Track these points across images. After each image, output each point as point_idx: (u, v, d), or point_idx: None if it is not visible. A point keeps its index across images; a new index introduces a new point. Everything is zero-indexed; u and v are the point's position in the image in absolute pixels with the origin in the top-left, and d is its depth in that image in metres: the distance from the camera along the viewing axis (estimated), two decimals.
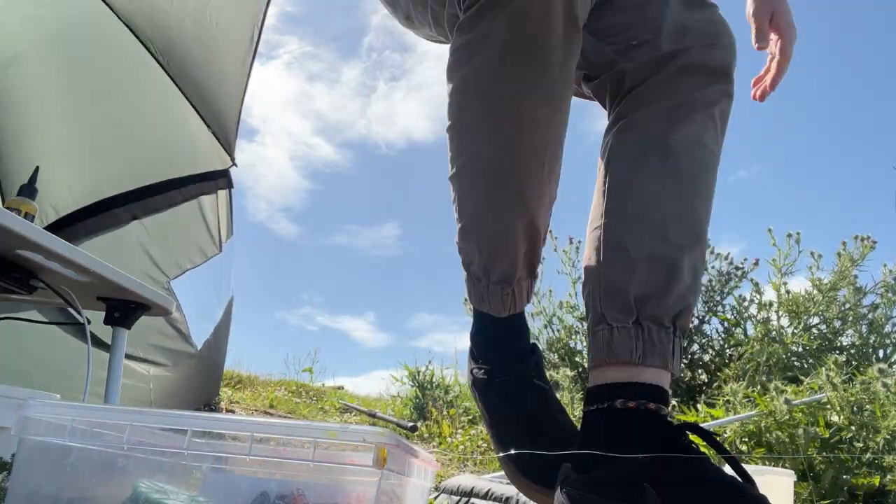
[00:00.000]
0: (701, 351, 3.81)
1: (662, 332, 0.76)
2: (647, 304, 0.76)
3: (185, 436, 0.63)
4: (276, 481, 0.66)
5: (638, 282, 0.76)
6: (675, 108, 0.84)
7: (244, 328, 7.75)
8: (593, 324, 0.79)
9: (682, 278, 0.77)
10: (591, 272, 0.82)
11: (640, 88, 0.86)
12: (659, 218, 0.80)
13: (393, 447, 0.62)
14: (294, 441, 0.64)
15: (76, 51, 2.43)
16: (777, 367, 3.05)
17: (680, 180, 0.81)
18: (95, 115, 2.48)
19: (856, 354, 3.21)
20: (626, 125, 0.86)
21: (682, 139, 0.82)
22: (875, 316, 3.30)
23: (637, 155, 0.83)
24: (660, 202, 0.81)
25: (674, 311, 0.76)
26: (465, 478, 1.62)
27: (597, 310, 0.79)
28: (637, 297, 0.76)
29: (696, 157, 0.83)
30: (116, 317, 1.45)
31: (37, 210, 1.43)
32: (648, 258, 0.77)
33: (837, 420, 2.08)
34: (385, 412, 3.54)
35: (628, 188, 0.82)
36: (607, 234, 0.81)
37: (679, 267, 0.77)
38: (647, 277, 0.76)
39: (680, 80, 0.84)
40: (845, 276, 3.28)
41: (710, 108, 0.85)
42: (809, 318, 3.34)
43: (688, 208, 0.82)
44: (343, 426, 0.63)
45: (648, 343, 0.74)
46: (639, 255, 0.77)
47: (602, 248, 0.80)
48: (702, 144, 0.83)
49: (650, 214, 0.80)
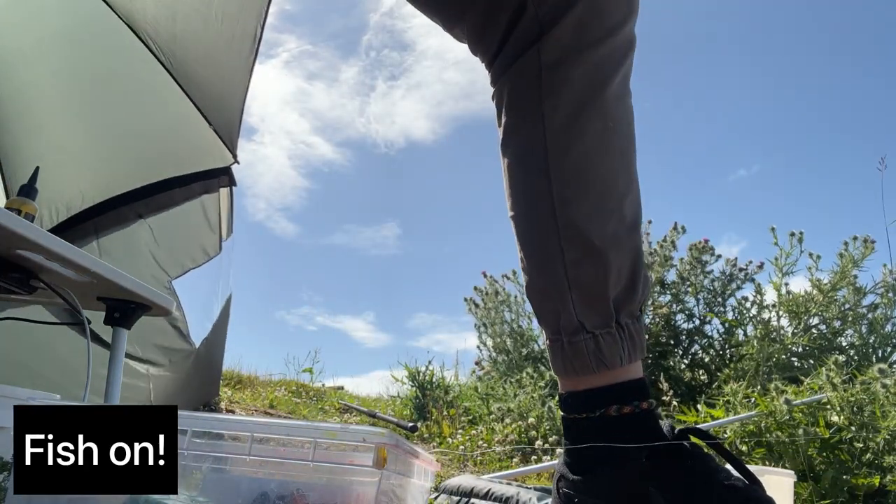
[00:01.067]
0: (701, 351, 3.81)
1: (637, 324, 0.73)
2: (624, 301, 0.73)
3: (184, 436, 0.63)
4: (276, 481, 0.65)
5: (615, 282, 0.72)
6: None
7: (244, 328, 7.75)
8: (569, 334, 0.72)
9: (643, 261, 0.74)
10: (552, 272, 0.73)
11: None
12: (616, 196, 0.72)
13: (393, 447, 0.62)
14: (294, 441, 0.64)
15: (78, 50, 2.43)
16: (777, 367, 3.05)
17: (621, 144, 0.74)
18: (99, 114, 2.48)
19: (856, 355, 3.22)
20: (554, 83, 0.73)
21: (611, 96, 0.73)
22: (875, 316, 3.30)
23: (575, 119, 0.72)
24: (610, 176, 0.73)
25: (643, 298, 0.74)
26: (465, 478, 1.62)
27: (571, 319, 0.72)
28: (616, 298, 0.72)
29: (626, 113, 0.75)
30: (116, 317, 1.44)
31: (37, 210, 1.43)
32: (616, 250, 0.71)
33: (837, 420, 2.08)
34: (385, 412, 3.54)
35: (579, 164, 0.72)
36: (566, 225, 0.71)
37: (640, 250, 0.74)
38: (619, 273, 0.72)
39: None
40: (845, 276, 3.28)
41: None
42: (809, 319, 3.34)
43: (634, 174, 0.75)
44: (343, 426, 0.63)
45: (630, 341, 0.72)
46: (608, 250, 0.71)
47: (563, 243, 0.71)
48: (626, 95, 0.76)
49: (609, 193, 0.72)
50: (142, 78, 2.49)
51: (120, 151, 2.53)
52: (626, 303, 0.73)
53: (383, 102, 8.61)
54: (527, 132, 0.74)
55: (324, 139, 9.21)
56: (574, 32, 0.70)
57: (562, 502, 0.72)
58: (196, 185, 2.66)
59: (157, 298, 1.46)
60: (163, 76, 2.45)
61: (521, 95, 0.74)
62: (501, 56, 0.75)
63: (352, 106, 8.57)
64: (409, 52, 8.14)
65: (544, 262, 0.74)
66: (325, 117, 9.19)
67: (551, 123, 0.72)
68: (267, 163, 8.03)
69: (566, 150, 0.71)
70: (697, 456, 0.68)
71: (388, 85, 8.37)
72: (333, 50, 8.45)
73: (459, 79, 9.68)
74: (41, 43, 2.33)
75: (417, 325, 8.21)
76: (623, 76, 0.74)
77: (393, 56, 8.06)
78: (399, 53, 8.12)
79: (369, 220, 9.13)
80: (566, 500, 0.72)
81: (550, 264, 0.73)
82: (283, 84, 7.84)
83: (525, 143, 0.75)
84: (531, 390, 3.05)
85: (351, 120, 8.87)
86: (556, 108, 0.71)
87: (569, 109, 0.71)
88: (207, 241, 2.71)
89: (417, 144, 9.11)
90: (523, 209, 0.76)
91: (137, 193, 2.49)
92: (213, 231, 2.72)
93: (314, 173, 9.15)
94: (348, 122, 9.10)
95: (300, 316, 7.84)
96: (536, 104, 0.72)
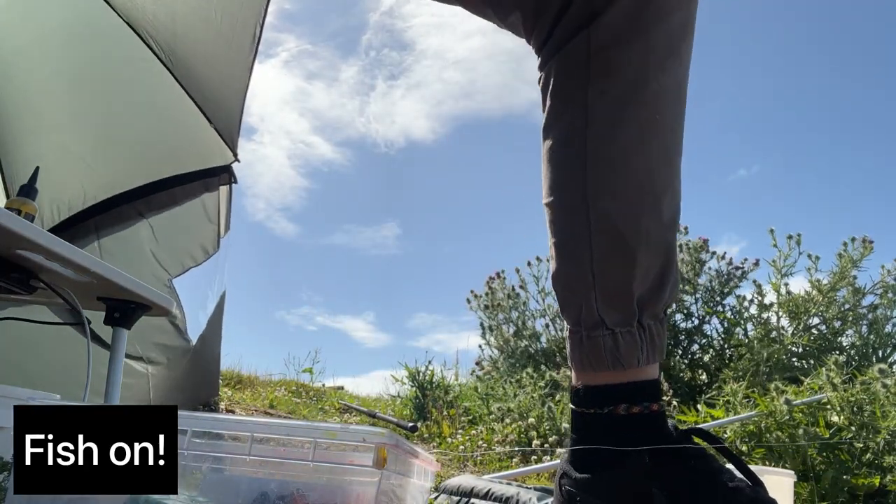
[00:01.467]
0: (701, 351, 3.81)
1: (660, 325, 0.72)
2: (649, 301, 0.71)
3: (184, 436, 0.63)
4: (276, 481, 0.65)
5: (641, 280, 0.70)
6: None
7: (244, 328, 7.74)
8: (588, 328, 0.71)
9: (675, 262, 0.72)
10: (578, 263, 0.72)
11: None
12: (654, 191, 0.70)
13: (393, 447, 0.62)
14: (294, 441, 0.64)
15: (79, 49, 2.43)
16: (777, 367, 3.05)
17: (664, 139, 0.71)
18: (99, 113, 2.48)
19: (855, 355, 3.22)
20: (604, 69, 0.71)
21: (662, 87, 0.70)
22: (874, 316, 3.30)
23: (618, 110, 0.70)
24: (650, 170, 0.70)
25: (669, 300, 0.72)
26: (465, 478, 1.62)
27: (592, 313, 0.71)
28: (640, 297, 0.70)
29: (677, 103, 0.73)
30: (116, 317, 1.44)
31: (37, 210, 1.43)
32: (647, 247, 0.69)
33: (837, 420, 2.08)
34: (385, 412, 3.54)
35: (618, 156, 0.70)
36: (598, 217, 0.70)
37: (673, 250, 0.72)
38: (647, 272, 0.70)
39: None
40: (844, 276, 3.28)
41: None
42: (809, 319, 3.34)
43: (676, 171, 0.73)
44: (343, 426, 0.63)
45: (650, 342, 0.70)
46: (638, 246, 0.69)
47: (592, 236, 0.70)
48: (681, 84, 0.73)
49: (646, 188, 0.70)
50: (142, 76, 2.49)
51: (120, 150, 2.53)
52: (652, 303, 0.71)
53: (383, 102, 8.59)
54: (569, 118, 0.72)
55: (323, 139, 9.18)
56: (626, 16, 0.68)
57: (564, 500, 0.72)
58: (197, 184, 2.66)
59: (157, 298, 1.46)
60: (163, 74, 2.45)
61: (568, 80, 0.72)
62: (551, 40, 0.73)
63: (351, 105, 8.54)
64: (409, 51, 8.12)
65: (572, 253, 0.73)
66: (324, 117, 9.16)
67: (594, 111, 0.70)
68: (266, 163, 8.00)
69: (606, 139, 0.70)
70: (701, 456, 0.68)
71: (387, 84, 8.35)
72: (333, 49, 8.43)
73: (459, 78, 9.66)
74: (41, 42, 2.33)
75: (417, 325, 8.21)
76: (678, 64, 0.71)
77: (392, 56, 8.05)
78: (399, 53, 8.11)
79: (369, 220, 9.12)
80: (568, 499, 0.71)
81: (578, 255, 0.72)
82: (282, 84, 7.83)
83: (566, 129, 0.73)
84: (531, 390, 3.06)
85: (351, 120, 8.84)
86: (602, 95, 0.70)
87: (614, 97, 0.69)
88: (207, 239, 2.71)
89: (417, 144, 9.09)
90: (557, 196, 0.74)
91: (138, 192, 2.49)
92: (212, 229, 2.72)
93: (314, 173, 9.12)
94: (348, 122, 9.08)
95: (300, 316, 7.84)
96: (583, 91, 0.70)
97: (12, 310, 1.73)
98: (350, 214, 9.29)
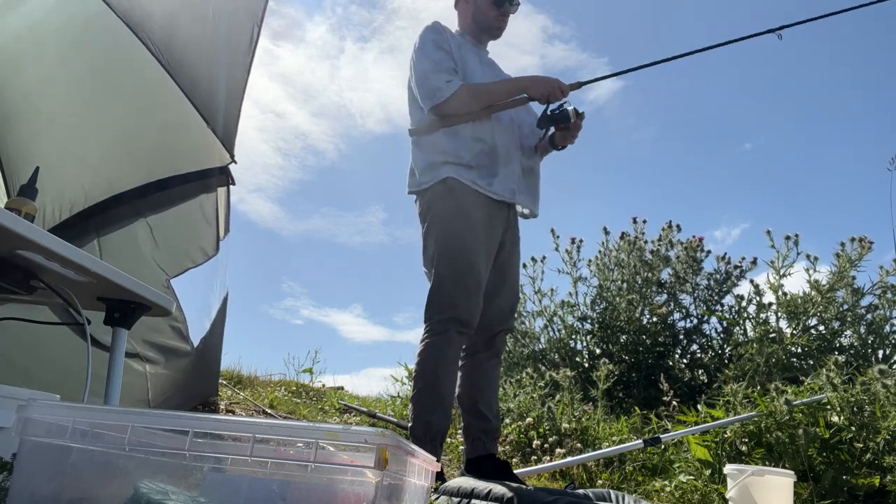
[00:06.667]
0: (701, 351, 3.81)
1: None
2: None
3: (186, 437, 0.63)
4: (277, 481, 0.66)
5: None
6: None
7: (236, 325, 7.44)
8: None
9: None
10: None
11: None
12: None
13: (394, 448, 0.62)
14: (295, 442, 0.64)
15: (78, 50, 2.43)
16: (777, 367, 3.05)
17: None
18: (98, 113, 2.48)
19: (855, 355, 3.22)
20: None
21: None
22: (874, 317, 3.30)
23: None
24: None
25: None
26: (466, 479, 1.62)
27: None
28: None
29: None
30: (116, 317, 1.44)
31: (37, 210, 1.43)
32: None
33: (837, 420, 2.08)
34: (385, 412, 3.54)
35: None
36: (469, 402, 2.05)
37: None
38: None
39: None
40: (843, 276, 3.29)
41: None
42: (808, 319, 3.35)
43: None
44: (344, 427, 0.63)
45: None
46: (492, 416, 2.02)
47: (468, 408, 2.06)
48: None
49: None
50: (140, 77, 2.48)
51: (119, 150, 2.53)
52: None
53: (354, 67, 7.93)
54: None
55: (297, 108, 8.33)
56: None
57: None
58: (194, 185, 2.65)
59: (157, 298, 1.46)
60: (161, 75, 2.45)
61: None
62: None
63: (321, 70, 7.92)
64: (380, 9, 7.47)
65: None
66: (295, 82, 8.35)
67: None
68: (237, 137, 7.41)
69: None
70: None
71: (358, 47, 7.68)
72: (297, 5, 7.85)
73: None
74: (42, 43, 2.33)
75: (409, 320, 7.95)
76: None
77: (362, 14, 7.42)
78: (368, 11, 7.48)
79: (351, 205, 8.56)
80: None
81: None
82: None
83: None
84: (531, 390, 3.06)
85: (323, 87, 8.20)
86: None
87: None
88: (206, 241, 2.70)
89: (396, 116, 8.28)
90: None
91: (137, 192, 2.49)
92: (211, 230, 2.72)
93: (288, 149, 8.19)
94: (320, 90, 8.39)
95: (284, 309, 7.44)
96: None
97: (12, 307, 1.73)
98: (330, 198, 8.56)
